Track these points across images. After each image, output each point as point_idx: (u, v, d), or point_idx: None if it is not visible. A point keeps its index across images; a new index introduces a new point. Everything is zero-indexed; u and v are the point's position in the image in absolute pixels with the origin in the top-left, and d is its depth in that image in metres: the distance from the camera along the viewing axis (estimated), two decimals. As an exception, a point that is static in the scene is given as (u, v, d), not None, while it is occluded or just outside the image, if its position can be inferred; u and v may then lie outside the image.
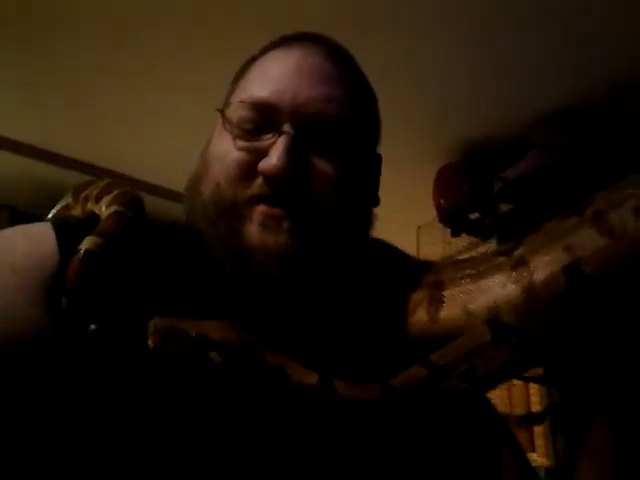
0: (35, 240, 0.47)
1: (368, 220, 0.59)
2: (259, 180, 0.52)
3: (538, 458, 1.85)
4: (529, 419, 1.82)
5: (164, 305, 0.48)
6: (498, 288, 0.50)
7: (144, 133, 1.96)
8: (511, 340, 0.44)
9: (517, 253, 0.51)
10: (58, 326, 0.44)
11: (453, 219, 1.99)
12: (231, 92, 0.58)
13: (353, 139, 0.54)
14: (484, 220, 1.96)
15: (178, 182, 0.61)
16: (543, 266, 0.48)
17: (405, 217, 2.14)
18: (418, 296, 0.56)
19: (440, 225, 2.06)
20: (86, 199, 0.54)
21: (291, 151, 0.50)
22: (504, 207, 1.91)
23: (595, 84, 1.67)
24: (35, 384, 0.42)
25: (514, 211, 1.89)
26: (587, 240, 0.47)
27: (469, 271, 0.54)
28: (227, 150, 0.53)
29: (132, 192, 0.54)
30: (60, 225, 0.49)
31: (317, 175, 0.52)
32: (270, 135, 0.52)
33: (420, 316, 0.54)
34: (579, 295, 0.45)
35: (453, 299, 0.53)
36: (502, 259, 0.52)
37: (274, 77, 0.53)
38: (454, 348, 0.46)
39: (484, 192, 1.90)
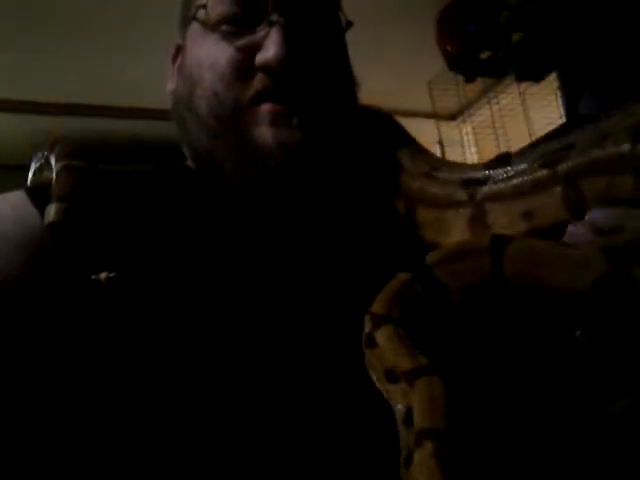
0: (17, 208, 0.45)
1: (355, 95, 0.57)
2: (259, 76, 0.49)
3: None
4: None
5: (165, 238, 0.46)
6: (458, 232, 0.47)
7: (149, 61, 1.86)
8: (439, 296, 0.41)
9: (479, 196, 0.46)
10: (66, 291, 0.42)
11: (464, 64, 1.87)
12: None
13: (334, 19, 0.54)
14: (497, 56, 1.84)
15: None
16: (499, 228, 0.45)
17: (414, 74, 2.03)
18: (398, 193, 0.54)
19: (451, 74, 1.95)
20: (41, 169, 0.51)
21: (287, 39, 0.48)
22: (516, 37, 1.78)
23: None
24: (45, 351, 0.41)
25: (527, 39, 1.77)
26: (550, 209, 0.42)
27: (435, 190, 0.50)
28: (216, 54, 0.50)
29: (70, 141, 0.51)
30: (34, 192, 0.47)
31: (313, 61, 0.50)
32: (260, 27, 0.49)
33: (400, 209, 0.54)
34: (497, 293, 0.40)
35: (422, 217, 0.51)
36: (464, 196, 0.48)
37: None
38: (390, 296, 0.42)
39: (492, 26, 1.76)
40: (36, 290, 0.41)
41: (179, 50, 0.57)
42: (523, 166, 0.45)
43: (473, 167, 0.51)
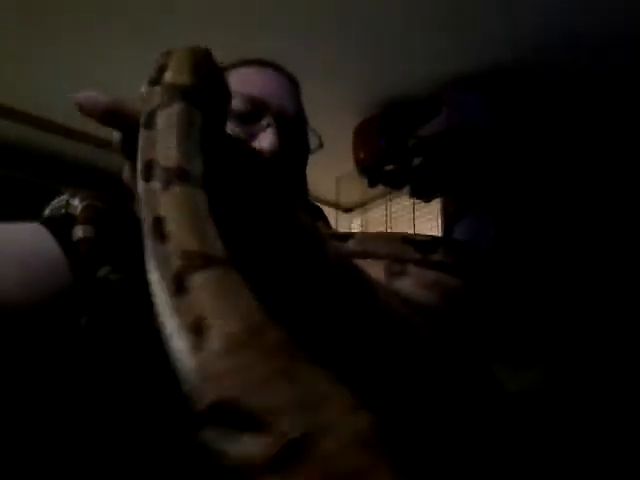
0: (38, 239, 0.52)
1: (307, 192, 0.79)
2: None
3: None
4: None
5: None
6: None
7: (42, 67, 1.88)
8: None
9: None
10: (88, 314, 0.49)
11: (370, 171, 2.12)
12: None
13: (305, 134, 0.76)
14: (398, 172, 2.11)
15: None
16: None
17: (325, 168, 2.24)
18: None
19: (358, 175, 2.18)
20: (60, 208, 0.58)
21: (279, 136, 0.67)
22: (417, 161, 2.05)
23: (507, 49, 1.80)
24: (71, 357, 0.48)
25: (424, 165, 2.05)
26: None
27: None
28: None
29: (90, 191, 0.59)
30: (53, 224, 0.54)
31: (292, 157, 0.70)
32: (262, 123, 0.69)
33: None
34: None
35: None
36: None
37: (261, 84, 0.72)
38: None
39: (400, 147, 2.03)
40: (60, 315, 0.48)
41: None
42: None
43: None
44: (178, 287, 0.30)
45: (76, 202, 0.57)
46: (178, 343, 0.29)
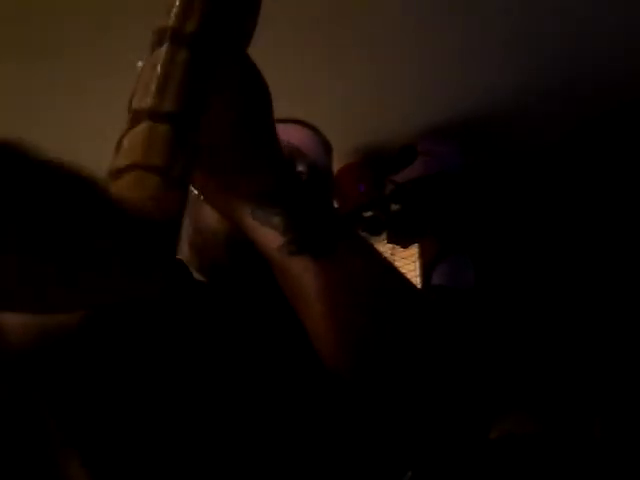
0: None
1: None
2: None
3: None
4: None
5: None
6: None
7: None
8: None
9: None
10: None
11: (349, 217, 2.16)
12: None
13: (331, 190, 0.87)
14: (376, 218, 2.16)
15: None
16: None
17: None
18: None
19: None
20: None
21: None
22: (394, 207, 2.11)
23: (478, 101, 1.91)
24: None
25: (402, 211, 2.11)
26: None
27: None
28: None
29: None
30: None
31: None
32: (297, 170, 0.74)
33: None
34: None
35: None
36: None
37: (300, 137, 0.77)
38: None
39: (378, 193, 2.09)
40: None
41: None
42: None
43: None
44: None
45: None
46: None
